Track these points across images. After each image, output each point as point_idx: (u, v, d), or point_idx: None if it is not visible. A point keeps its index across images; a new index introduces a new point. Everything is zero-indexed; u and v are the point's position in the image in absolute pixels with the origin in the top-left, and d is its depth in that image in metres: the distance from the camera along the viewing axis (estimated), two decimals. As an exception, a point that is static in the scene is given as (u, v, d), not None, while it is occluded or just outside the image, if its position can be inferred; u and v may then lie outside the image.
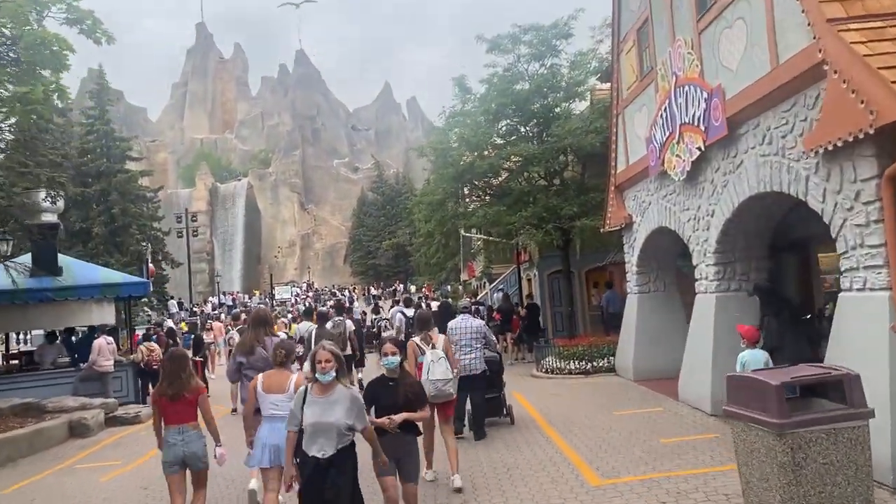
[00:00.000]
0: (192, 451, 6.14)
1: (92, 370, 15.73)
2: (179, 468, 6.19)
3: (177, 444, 6.12)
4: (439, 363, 7.64)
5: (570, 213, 17.74)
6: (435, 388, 7.50)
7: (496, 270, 31.36)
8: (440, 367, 7.62)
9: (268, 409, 6.20)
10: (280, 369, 6.37)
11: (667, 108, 11.26)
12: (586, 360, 15.51)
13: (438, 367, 7.61)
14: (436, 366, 7.62)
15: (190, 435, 6.15)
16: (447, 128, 20.95)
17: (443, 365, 7.65)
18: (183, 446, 6.11)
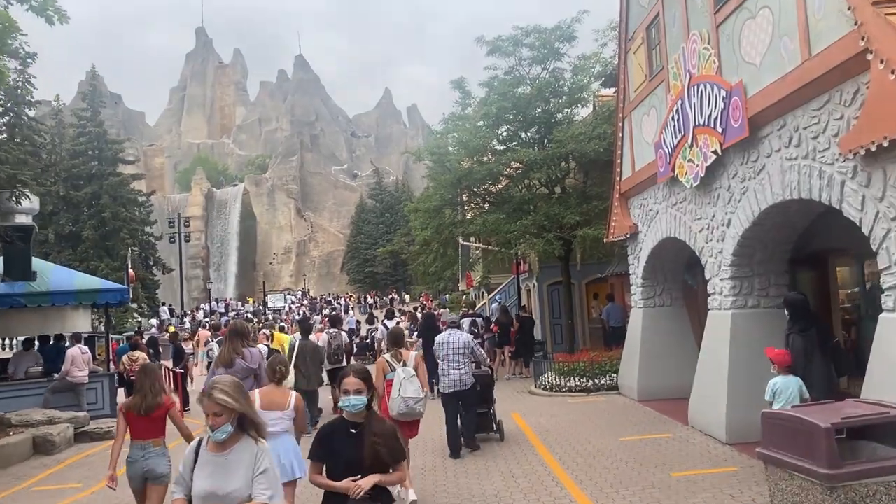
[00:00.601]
0: (151, 468, 6.08)
1: (65, 381, 14.86)
2: (140, 485, 6.13)
3: (137, 460, 6.09)
4: (412, 381, 7.46)
5: (572, 221, 16.93)
6: (406, 405, 7.36)
7: (495, 280, 30.49)
8: (412, 384, 7.44)
9: None
10: (278, 386, 6.28)
11: (679, 109, 10.45)
12: (587, 378, 14.65)
13: (411, 385, 7.42)
14: (408, 383, 7.43)
15: (151, 451, 6.11)
16: (445, 132, 20.14)
17: (415, 383, 7.47)
18: (143, 462, 6.06)
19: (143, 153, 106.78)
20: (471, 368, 9.77)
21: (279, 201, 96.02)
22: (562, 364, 15.25)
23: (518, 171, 19.30)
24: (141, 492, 6.15)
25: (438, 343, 9.81)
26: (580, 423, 11.39)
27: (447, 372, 9.65)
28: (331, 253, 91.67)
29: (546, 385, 15.22)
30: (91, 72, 43.28)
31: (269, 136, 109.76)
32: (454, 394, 9.60)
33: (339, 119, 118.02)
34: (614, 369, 14.58)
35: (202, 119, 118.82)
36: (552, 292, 25.05)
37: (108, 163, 42.61)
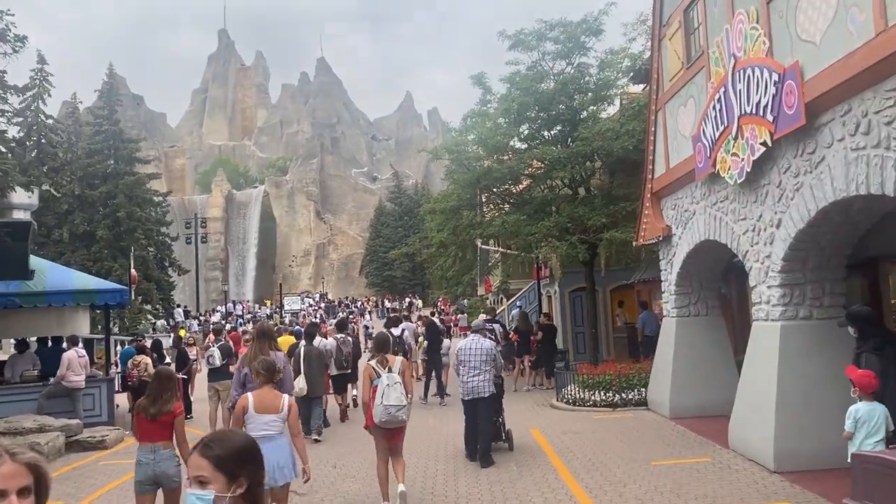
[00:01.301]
0: (163, 471, 6.11)
1: (60, 386, 14.11)
2: (151, 488, 6.15)
3: (148, 462, 6.11)
4: (394, 387, 7.34)
5: (598, 223, 15.91)
6: (387, 413, 7.26)
7: (514, 286, 29.51)
8: (395, 391, 7.32)
9: (259, 428, 6.01)
10: (270, 388, 6.27)
11: (721, 97, 9.44)
12: (614, 391, 13.63)
13: (393, 392, 7.31)
14: (390, 390, 7.31)
15: (161, 454, 6.14)
16: (464, 129, 19.18)
17: (397, 390, 7.35)
18: (154, 465, 6.10)
19: (164, 154, 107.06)
20: (491, 377, 9.65)
21: (299, 204, 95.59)
22: (586, 376, 14.24)
23: (540, 170, 18.33)
24: (147, 497, 6.18)
25: (461, 349, 9.76)
26: (606, 442, 10.37)
27: (467, 379, 9.59)
28: (350, 256, 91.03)
29: (569, 398, 14.21)
30: (108, 70, 42.81)
31: (290, 139, 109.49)
32: (472, 402, 9.58)
33: (360, 122, 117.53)
34: (643, 383, 13.55)
35: (223, 121, 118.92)
36: (575, 299, 24.02)
37: (124, 162, 42.11)
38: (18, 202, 14.67)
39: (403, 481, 7.49)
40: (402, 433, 7.67)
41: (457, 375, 10.08)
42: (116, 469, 10.93)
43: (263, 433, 6.00)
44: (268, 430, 6.07)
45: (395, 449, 7.57)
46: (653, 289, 20.84)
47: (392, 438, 7.52)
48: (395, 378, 7.41)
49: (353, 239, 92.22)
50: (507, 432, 10.33)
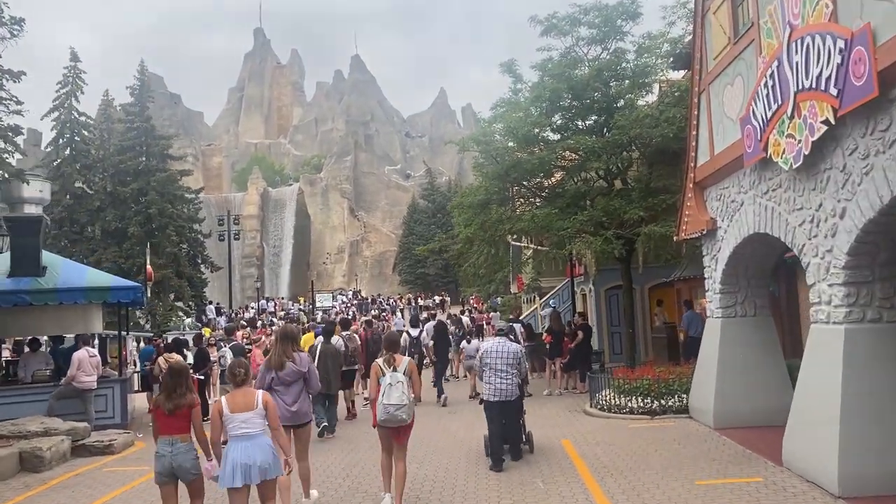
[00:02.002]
0: (180, 464, 6.22)
1: (71, 387, 13.59)
2: (169, 479, 6.28)
3: (165, 455, 6.21)
4: (396, 387, 7.29)
5: (635, 217, 14.89)
6: (386, 412, 7.26)
7: (548, 283, 28.51)
8: (396, 391, 7.27)
9: (237, 428, 6.15)
10: (243, 388, 6.36)
11: (774, 72, 8.41)
12: (652, 398, 12.62)
13: (394, 392, 7.27)
14: (392, 389, 7.28)
15: (179, 447, 6.23)
16: (493, 119, 18.24)
17: (399, 389, 7.28)
18: (171, 458, 6.20)
19: (201, 153, 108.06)
20: (517, 380, 9.55)
21: (333, 201, 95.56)
22: (622, 381, 13.24)
23: (573, 162, 17.35)
24: (167, 491, 6.32)
25: (486, 350, 9.67)
26: (644, 456, 9.41)
27: (493, 380, 9.44)
28: (383, 253, 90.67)
29: (603, 404, 13.24)
30: (140, 67, 42.79)
31: (324, 137, 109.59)
32: (498, 403, 9.39)
33: (394, 119, 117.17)
34: (684, 389, 12.53)
35: (259, 119, 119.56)
36: (611, 297, 22.99)
37: (156, 158, 42.09)
38: (30, 196, 14.28)
39: (400, 499, 7.36)
40: (406, 432, 7.54)
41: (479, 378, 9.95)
42: (120, 477, 10.31)
43: (242, 432, 6.15)
44: (246, 428, 6.15)
45: (397, 450, 7.48)
46: (695, 287, 19.74)
47: (395, 437, 7.45)
48: (398, 377, 7.35)
49: (386, 236, 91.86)
50: (528, 434, 10.03)
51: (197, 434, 6.33)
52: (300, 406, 7.74)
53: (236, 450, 6.10)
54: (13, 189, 14.12)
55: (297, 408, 7.68)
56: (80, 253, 40.20)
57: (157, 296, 40.49)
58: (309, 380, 7.82)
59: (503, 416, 9.41)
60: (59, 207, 40.17)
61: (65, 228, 40.77)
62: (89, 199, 40.51)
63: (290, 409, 7.62)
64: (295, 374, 7.71)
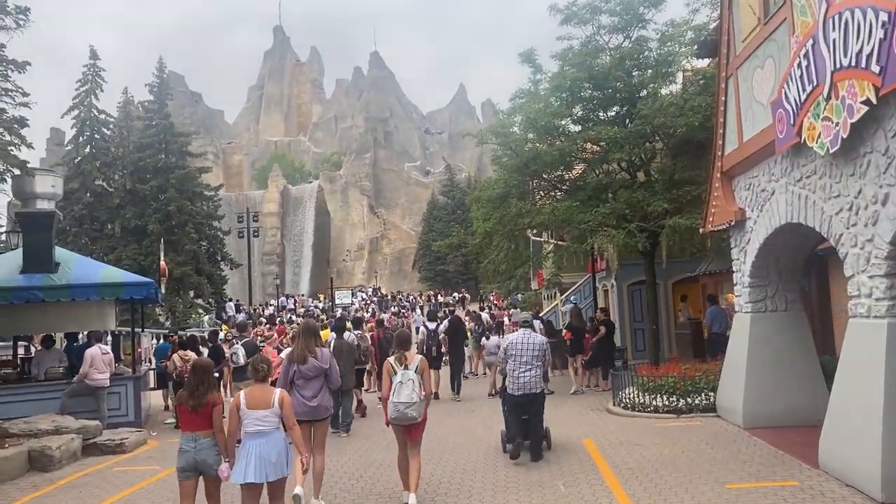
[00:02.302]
0: (203, 459, 6.25)
1: (83, 384, 13.41)
2: (192, 474, 6.32)
3: (189, 450, 6.27)
4: (406, 385, 7.29)
5: (659, 209, 14.41)
6: (396, 410, 7.28)
7: (568, 279, 28.01)
8: (406, 388, 7.27)
9: (253, 425, 6.23)
10: (262, 384, 6.45)
11: (809, 52, 7.93)
12: (678, 396, 12.15)
13: (404, 390, 7.28)
14: (402, 387, 7.29)
15: (202, 443, 6.27)
16: (512, 110, 17.80)
17: (409, 387, 7.28)
18: (194, 453, 6.25)
19: (221, 151, 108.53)
20: (541, 372, 9.52)
21: (352, 198, 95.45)
22: (646, 378, 12.79)
23: (595, 154, 16.88)
24: (187, 486, 6.35)
25: (511, 342, 9.55)
26: (671, 457, 8.97)
27: (517, 374, 9.36)
28: (402, 250, 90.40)
29: (627, 403, 12.80)
30: (158, 64, 42.79)
31: (344, 134, 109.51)
32: (523, 397, 9.35)
33: (413, 116, 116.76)
34: (711, 386, 12.06)
35: (279, 117, 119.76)
36: (633, 293, 22.48)
37: (175, 155, 42.10)
38: (42, 191, 13.97)
39: (416, 490, 7.38)
40: (419, 430, 7.54)
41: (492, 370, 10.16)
42: (129, 477, 10.07)
43: (257, 428, 6.22)
44: (261, 425, 6.23)
45: (412, 445, 7.50)
46: (720, 281, 19.23)
47: (408, 434, 7.47)
48: (408, 375, 7.35)
49: (405, 233, 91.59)
50: (546, 430, 9.78)
51: (216, 431, 6.35)
52: (320, 401, 7.73)
53: (250, 446, 6.20)
54: (25, 184, 13.87)
55: (316, 402, 7.67)
56: (101, 250, 40.36)
57: (176, 293, 40.58)
58: (330, 375, 7.85)
59: (525, 410, 9.36)
60: (79, 205, 40.36)
61: (85, 226, 40.96)
62: (109, 197, 40.66)
63: (309, 403, 7.64)
64: (316, 370, 7.73)
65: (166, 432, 14.10)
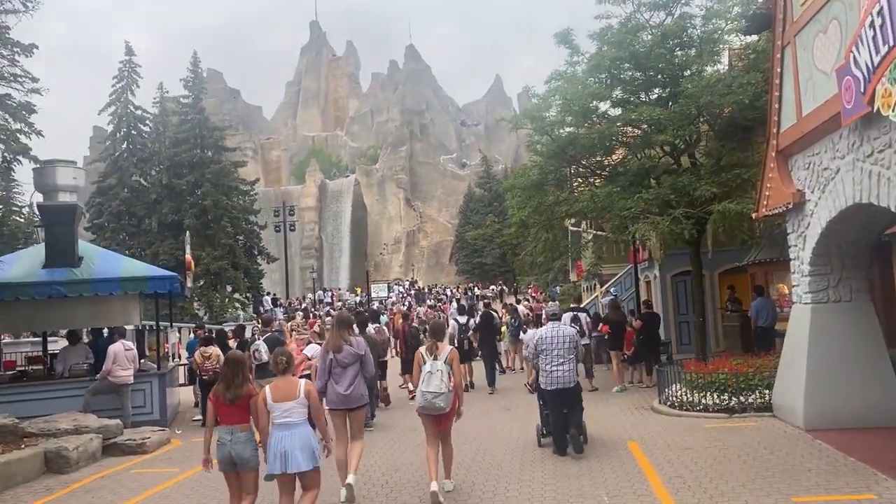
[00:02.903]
0: (239, 453, 6.25)
1: (106, 382, 13.03)
2: (231, 468, 6.32)
3: (226, 444, 6.27)
4: (435, 375, 7.34)
5: (707, 194, 13.45)
6: (424, 399, 7.33)
7: (608, 270, 27.02)
8: (435, 378, 7.33)
9: (280, 416, 6.25)
10: (285, 377, 6.46)
11: (884, 8, 7.00)
12: (730, 394, 11.27)
13: (434, 379, 7.33)
14: (432, 377, 7.35)
15: (239, 436, 6.28)
16: (548, 93, 16.92)
17: (438, 377, 7.32)
18: (231, 447, 6.25)
19: (260, 146, 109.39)
20: (575, 366, 9.42)
21: (389, 192, 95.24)
22: (695, 374, 11.92)
23: (637, 137, 15.96)
24: (230, 475, 6.37)
25: (542, 336, 9.44)
26: (726, 463, 8.14)
27: (549, 369, 9.25)
28: (439, 243, 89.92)
29: (674, 401, 11.96)
30: (193, 59, 42.71)
31: (380, 127, 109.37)
32: (557, 392, 9.23)
33: (449, 108, 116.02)
34: (766, 383, 11.15)
35: (317, 112, 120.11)
36: (677, 284, 21.51)
37: (211, 150, 42.03)
38: (63, 183, 13.65)
39: (450, 477, 7.57)
40: (448, 420, 7.54)
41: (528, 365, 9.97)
42: (146, 479, 9.60)
43: (284, 420, 6.23)
44: (288, 417, 6.24)
45: (441, 435, 7.55)
46: (770, 271, 18.21)
47: (436, 424, 7.49)
48: (437, 365, 7.37)
49: (442, 226, 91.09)
50: (583, 425, 9.54)
51: (255, 422, 6.37)
52: (354, 390, 7.70)
53: (277, 438, 6.21)
54: (46, 176, 13.57)
55: (350, 391, 7.66)
56: (138, 246, 40.55)
57: (213, 287, 40.58)
58: (365, 363, 7.84)
59: (564, 403, 9.24)
60: (117, 201, 40.57)
61: (123, 221, 41.19)
62: (146, 192, 40.79)
63: (343, 393, 7.65)
64: (352, 357, 7.73)
65: (192, 430, 13.67)
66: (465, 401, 8.35)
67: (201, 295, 40.14)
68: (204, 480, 9.23)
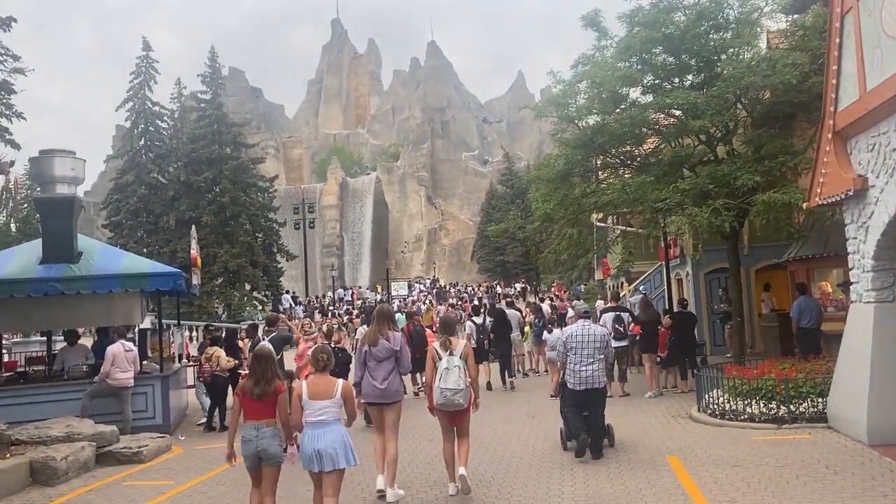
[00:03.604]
0: (265, 448, 6.23)
1: (105, 384, 12.26)
2: (256, 464, 6.31)
3: (252, 439, 6.25)
4: (452, 371, 7.31)
5: (749, 183, 12.35)
6: (443, 396, 7.30)
7: (636, 268, 25.96)
8: (453, 375, 7.30)
9: (314, 414, 6.23)
10: (323, 374, 6.44)
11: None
12: (778, 402, 10.21)
13: (451, 376, 7.30)
14: (449, 373, 7.31)
15: (264, 431, 6.26)
16: (574, 79, 15.86)
17: (455, 373, 7.30)
18: (256, 442, 6.22)
19: (282, 145, 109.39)
20: (603, 366, 9.25)
21: (410, 189, 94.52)
22: (738, 380, 10.86)
23: (671, 125, 14.90)
24: (255, 471, 6.35)
25: (570, 335, 9.28)
26: (784, 485, 7.11)
27: (578, 368, 9.05)
28: (461, 241, 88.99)
29: (714, 409, 10.92)
30: (210, 54, 42.06)
31: (401, 125, 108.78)
32: (585, 392, 9.04)
33: (471, 105, 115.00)
34: (817, 391, 10.08)
35: (338, 110, 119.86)
36: (711, 282, 20.39)
37: (230, 146, 41.39)
38: (61, 174, 12.88)
39: (465, 464, 7.44)
40: (465, 416, 7.53)
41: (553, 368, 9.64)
42: (137, 492, 8.81)
43: (318, 419, 6.21)
44: (322, 415, 6.21)
45: (459, 431, 7.55)
46: (812, 268, 17.06)
47: (453, 420, 7.50)
48: (454, 361, 7.34)
49: (464, 224, 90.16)
50: (608, 427, 9.38)
51: (280, 419, 6.33)
52: (390, 384, 7.67)
53: (311, 437, 6.16)
54: (43, 167, 12.84)
55: (386, 385, 7.63)
56: (156, 243, 40.11)
57: (231, 285, 39.99)
58: (401, 359, 7.78)
59: (587, 406, 9.07)
60: (134, 198, 40.13)
61: (141, 219, 40.76)
62: (164, 189, 40.30)
63: (378, 386, 7.62)
64: (388, 352, 7.69)
65: (197, 437, 12.90)
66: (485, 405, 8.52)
67: (220, 293, 39.59)
68: (197, 496, 8.43)
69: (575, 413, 9.10)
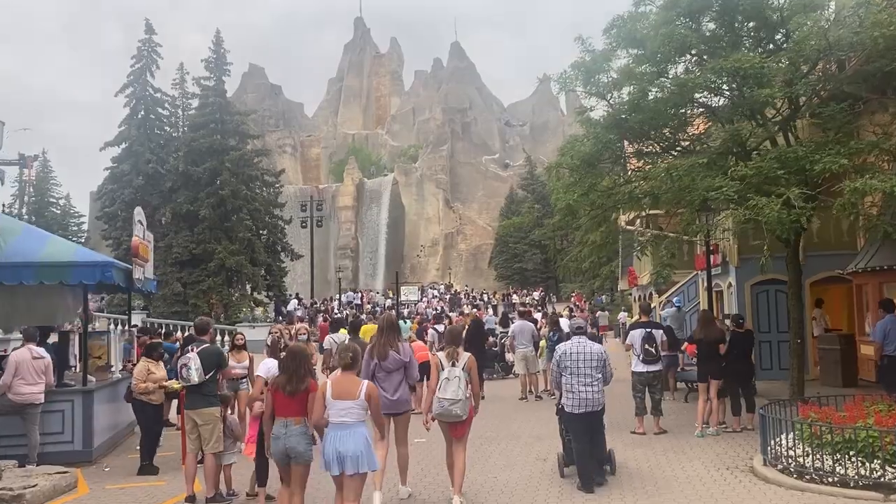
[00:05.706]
0: (292, 446, 6.23)
1: (7, 399, 9.74)
2: (286, 461, 6.30)
3: (280, 437, 6.26)
4: (452, 381, 7.33)
5: (834, 169, 9.55)
6: (441, 406, 7.37)
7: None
8: (452, 385, 7.32)
9: (337, 415, 6.12)
10: (348, 373, 6.33)
11: None
12: (883, 461, 7.42)
13: (450, 386, 7.32)
14: (448, 384, 7.34)
15: (293, 429, 6.26)
16: (609, 46, 13.03)
17: (455, 384, 7.31)
18: (285, 440, 6.23)
19: (300, 144, 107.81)
20: (602, 387, 8.54)
21: (427, 192, 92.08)
22: (820, 426, 8.06)
23: (727, 99, 12.18)
24: (286, 468, 6.34)
25: (563, 353, 8.61)
26: None
27: (576, 388, 8.36)
28: (478, 246, 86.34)
29: (787, 463, 8.14)
30: (215, 38, 39.62)
31: (421, 126, 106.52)
32: (585, 415, 8.32)
33: (493, 107, 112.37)
34: (936, 446, 7.29)
35: (358, 110, 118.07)
36: (758, 295, 17.53)
37: (233, 137, 39.02)
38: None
39: (460, 492, 7.41)
40: (464, 427, 7.55)
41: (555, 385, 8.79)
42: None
43: (340, 420, 6.09)
44: (345, 416, 6.09)
45: (457, 442, 7.52)
46: (884, 282, 14.31)
47: (452, 431, 7.52)
48: (455, 373, 7.38)
49: (482, 229, 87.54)
50: (609, 452, 8.79)
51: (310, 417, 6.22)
52: (400, 395, 7.73)
53: (333, 438, 6.05)
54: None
55: (397, 396, 7.67)
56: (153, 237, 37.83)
57: (228, 284, 37.62)
58: (409, 369, 7.85)
59: (589, 430, 8.38)
60: (129, 189, 37.95)
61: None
62: (161, 180, 38.03)
63: (391, 398, 7.61)
64: (397, 363, 7.73)
65: (126, 468, 10.23)
66: None
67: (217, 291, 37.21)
68: None
69: (579, 440, 8.31)
